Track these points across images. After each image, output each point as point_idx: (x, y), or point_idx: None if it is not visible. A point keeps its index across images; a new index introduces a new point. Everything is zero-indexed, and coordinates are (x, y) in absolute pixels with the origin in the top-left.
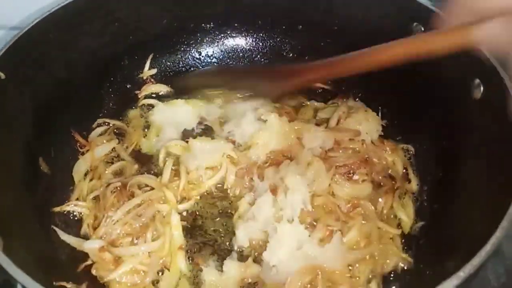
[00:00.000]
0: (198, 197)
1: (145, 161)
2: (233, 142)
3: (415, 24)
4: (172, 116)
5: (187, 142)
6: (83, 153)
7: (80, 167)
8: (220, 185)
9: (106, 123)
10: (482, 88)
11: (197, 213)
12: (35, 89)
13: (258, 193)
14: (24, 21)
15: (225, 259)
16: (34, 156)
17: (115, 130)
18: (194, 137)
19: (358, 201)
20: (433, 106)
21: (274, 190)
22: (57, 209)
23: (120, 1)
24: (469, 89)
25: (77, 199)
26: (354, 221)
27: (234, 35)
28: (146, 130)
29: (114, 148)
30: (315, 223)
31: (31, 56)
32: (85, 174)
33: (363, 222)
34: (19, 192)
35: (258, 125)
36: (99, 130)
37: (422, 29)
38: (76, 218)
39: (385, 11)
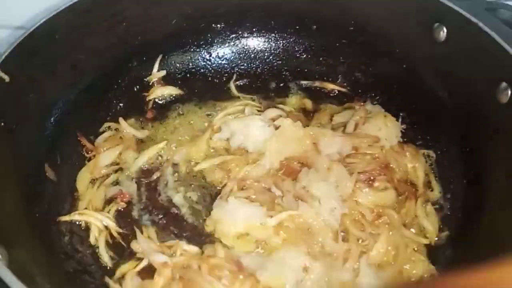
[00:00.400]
0: None
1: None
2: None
3: (436, 24)
4: None
5: None
6: (90, 159)
7: (84, 175)
8: None
9: (113, 128)
10: (509, 92)
11: None
12: (40, 91)
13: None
14: (29, 21)
15: None
16: (40, 162)
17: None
18: None
19: (383, 209)
20: (456, 109)
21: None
22: (64, 218)
23: (128, 1)
24: (495, 93)
25: (85, 208)
26: (380, 231)
27: (246, 35)
28: None
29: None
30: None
31: (37, 57)
32: (92, 182)
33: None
34: (23, 200)
35: (270, 131)
36: (106, 135)
37: (444, 30)
38: (83, 228)
39: (405, 10)
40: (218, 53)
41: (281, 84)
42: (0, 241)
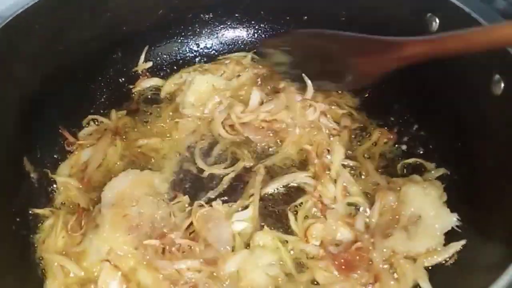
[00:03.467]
0: None
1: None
2: None
3: (429, 14)
4: None
5: None
6: (71, 152)
7: (64, 170)
8: None
9: (96, 121)
10: (502, 84)
11: None
12: (19, 83)
13: None
14: (5, 11)
15: None
16: (18, 155)
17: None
18: None
19: None
20: (450, 101)
21: None
22: (37, 210)
23: None
24: (489, 85)
25: (63, 203)
26: None
27: (235, 26)
28: None
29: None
30: None
31: (16, 48)
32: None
33: None
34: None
35: None
36: (89, 129)
37: (437, 20)
38: None
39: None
40: (206, 44)
41: None
42: None
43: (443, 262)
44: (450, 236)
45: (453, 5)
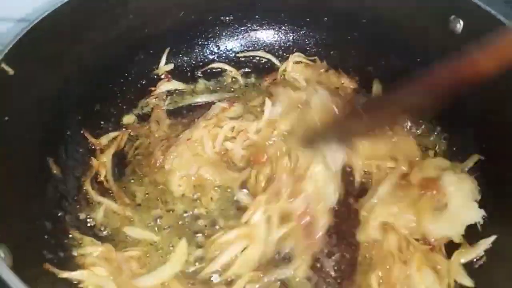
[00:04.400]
0: None
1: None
2: None
3: (453, 17)
4: None
5: None
6: (95, 154)
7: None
8: None
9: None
10: None
11: None
12: (44, 86)
13: None
14: (31, 14)
15: None
16: (44, 158)
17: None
18: None
19: None
20: (472, 107)
21: None
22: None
23: None
24: None
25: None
26: None
27: (255, 28)
28: None
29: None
30: None
31: (41, 51)
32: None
33: None
34: (27, 197)
35: None
36: (112, 134)
37: (461, 22)
38: (89, 225)
39: (420, 1)
40: (226, 46)
41: None
42: (3, 240)
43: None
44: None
45: (477, 7)
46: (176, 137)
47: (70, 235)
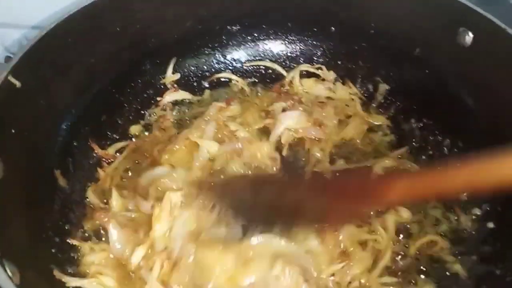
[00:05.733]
0: None
1: None
2: None
3: (462, 29)
4: None
5: None
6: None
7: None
8: None
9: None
10: None
11: None
12: (52, 96)
13: None
14: (39, 24)
15: None
16: (51, 170)
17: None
18: None
19: None
20: (482, 117)
21: None
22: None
23: (142, 1)
24: None
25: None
26: None
27: (262, 38)
28: None
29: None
30: None
31: (48, 61)
32: None
33: None
34: (33, 210)
35: None
36: (119, 144)
37: (470, 34)
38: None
39: (429, 12)
40: (233, 56)
41: None
42: (11, 259)
43: None
44: None
45: (487, 19)
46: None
47: (78, 247)
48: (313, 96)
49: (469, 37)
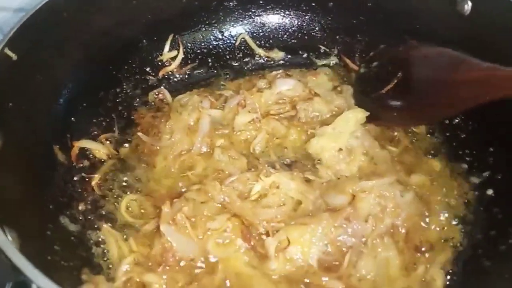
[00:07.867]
0: None
1: None
2: None
3: None
4: None
5: None
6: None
7: None
8: None
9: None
10: None
11: None
12: (49, 72)
13: None
14: (30, 2)
15: None
16: (50, 144)
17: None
18: None
19: None
20: None
21: None
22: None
23: None
24: None
25: None
26: None
27: (259, 13)
28: None
29: None
30: None
31: (44, 37)
32: None
33: None
34: (33, 184)
35: None
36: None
37: (469, 3)
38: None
39: None
40: (230, 32)
41: None
42: (11, 226)
43: None
44: None
45: None
46: None
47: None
48: None
49: (468, 6)
